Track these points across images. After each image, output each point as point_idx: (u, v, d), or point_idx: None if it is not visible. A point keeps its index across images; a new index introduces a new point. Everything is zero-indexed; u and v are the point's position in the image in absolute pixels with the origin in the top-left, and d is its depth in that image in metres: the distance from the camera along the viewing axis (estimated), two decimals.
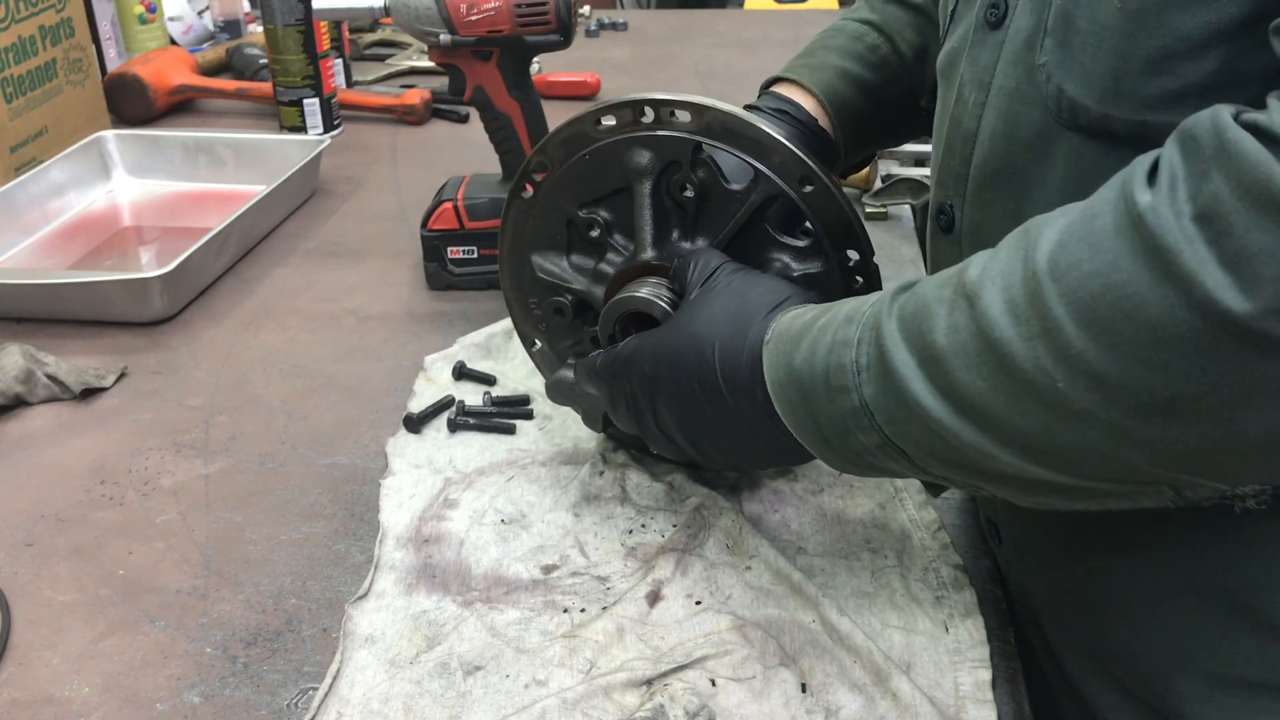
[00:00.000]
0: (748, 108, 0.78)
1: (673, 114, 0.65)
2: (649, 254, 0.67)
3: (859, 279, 0.65)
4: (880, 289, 0.66)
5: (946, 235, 0.66)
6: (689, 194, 0.65)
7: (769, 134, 0.63)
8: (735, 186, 0.65)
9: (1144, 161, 0.43)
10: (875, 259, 0.66)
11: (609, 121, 0.67)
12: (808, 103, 0.77)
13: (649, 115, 0.66)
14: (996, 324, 0.44)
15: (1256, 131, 0.39)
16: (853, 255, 0.65)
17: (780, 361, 0.55)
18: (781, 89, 0.79)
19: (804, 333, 0.54)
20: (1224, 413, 0.41)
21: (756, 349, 0.57)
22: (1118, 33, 0.50)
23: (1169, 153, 0.42)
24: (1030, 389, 0.44)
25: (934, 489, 0.60)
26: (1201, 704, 0.60)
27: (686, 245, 0.67)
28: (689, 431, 0.61)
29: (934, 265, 0.70)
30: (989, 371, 0.45)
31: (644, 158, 0.66)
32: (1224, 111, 0.41)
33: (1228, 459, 0.43)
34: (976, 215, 0.62)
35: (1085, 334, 0.42)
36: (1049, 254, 0.43)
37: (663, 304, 0.65)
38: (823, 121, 0.77)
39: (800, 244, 0.65)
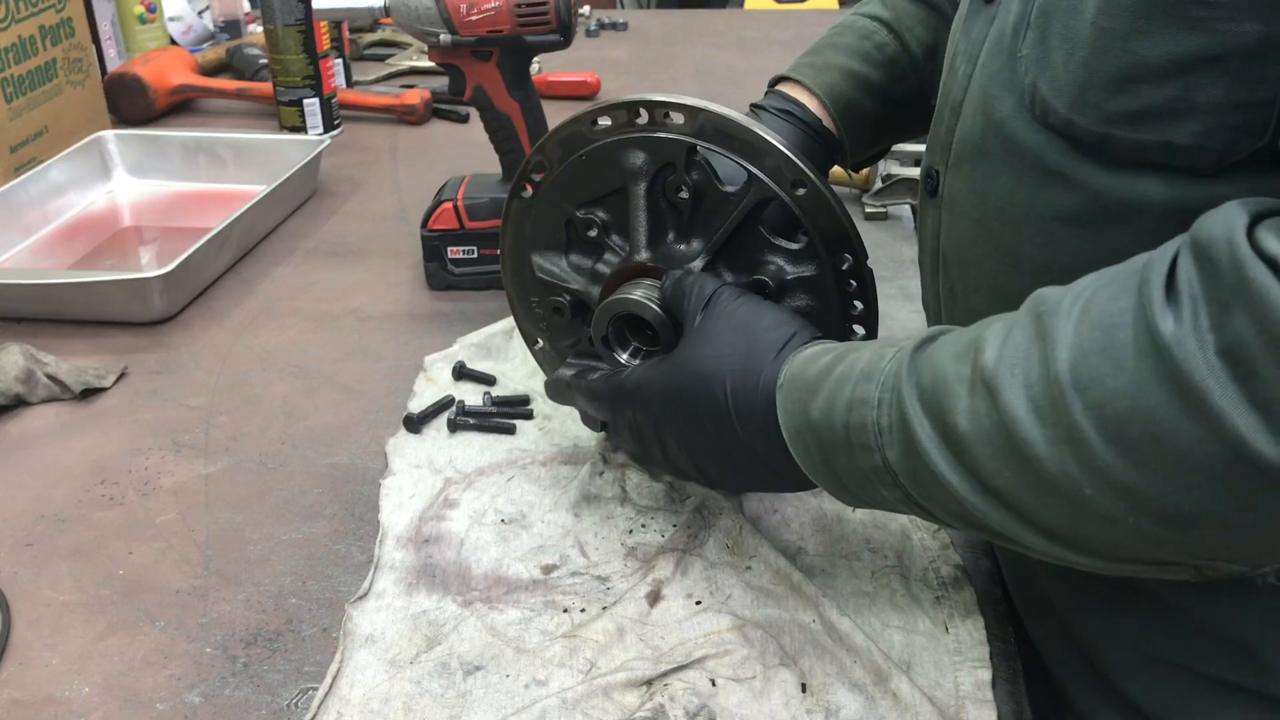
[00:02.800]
0: (753, 107, 0.78)
1: (667, 115, 0.65)
2: (644, 255, 0.67)
3: (853, 282, 0.65)
4: (874, 293, 0.66)
5: (931, 199, 0.67)
6: (684, 196, 0.65)
7: (762, 136, 0.63)
8: (729, 189, 0.65)
9: (1160, 268, 0.43)
10: (872, 259, 0.66)
11: (605, 122, 0.67)
12: (812, 103, 0.77)
13: (644, 116, 0.66)
14: (1021, 423, 0.45)
15: (1275, 269, 0.39)
16: (848, 259, 0.65)
17: (795, 409, 0.55)
18: (786, 88, 0.79)
19: (819, 382, 0.54)
20: (1253, 529, 0.42)
21: (770, 393, 0.57)
22: (1088, 46, 0.51)
23: (1186, 269, 0.42)
24: (1055, 488, 0.45)
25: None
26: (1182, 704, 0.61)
27: (681, 247, 0.67)
28: (699, 462, 0.62)
29: (921, 225, 0.70)
30: (1014, 466, 0.45)
31: (639, 159, 0.66)
32: (1241, 231, 0.40)
33: (1255, 554, 0.45)
34: (954, 186, 0.63)
35: (1112, 449, 0.42)
36: (1070, 361, 0.43)
37: (655, 306, 0.65)
38: (827, 122, 0.77)
39: (794, 247, 0.65)
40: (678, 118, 0.65)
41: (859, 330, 0.67)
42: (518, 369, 0.91)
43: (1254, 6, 0.45)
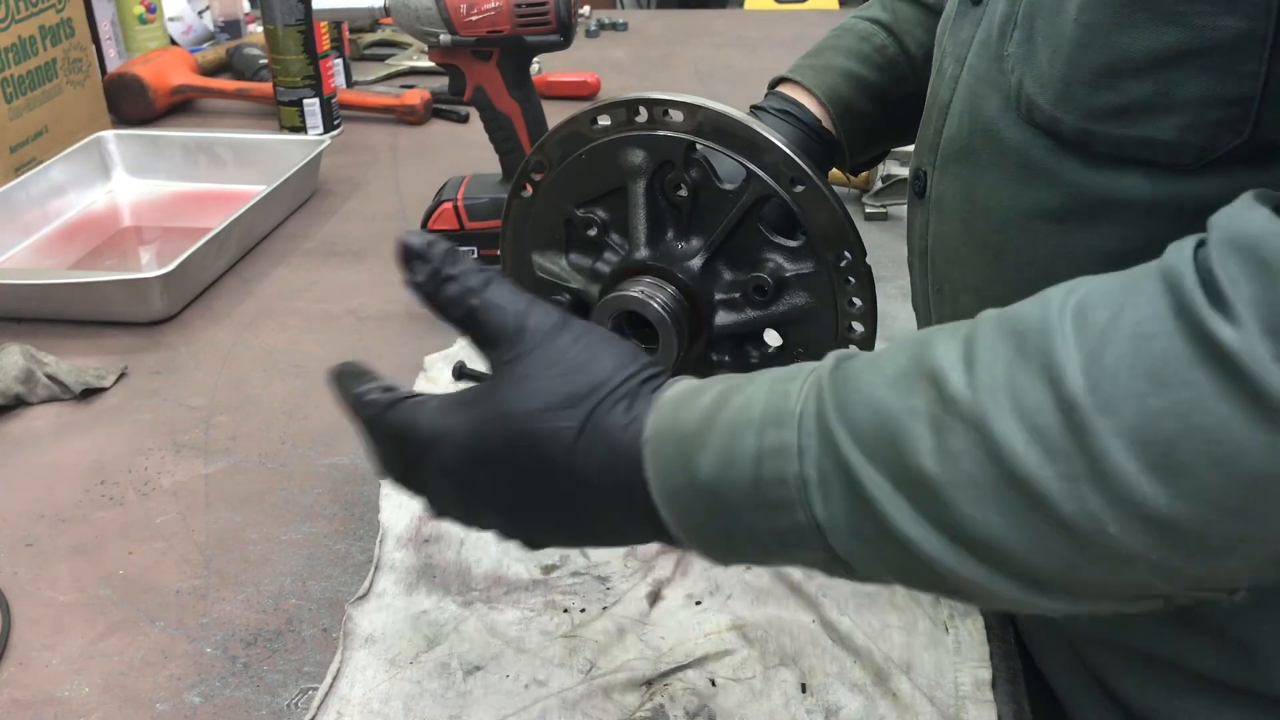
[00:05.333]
0: (753, 108, 0.79)
1: (666, 113, 0.65)
2: (643, 253, 0.67)
3: (851, 280, 0.65)
4: (873, 290, 0.66)
5: (920, 200, 0.67)
6: (683, 194, 0.65)
7: (760, 133, 0.63)
8: (728, 186, 0.65)
9: (1189, 270, 0.38)
10: (872, 259, 0.66)
11: (604, 121, 0.67)
12: (811, 104, 0.77)
13: (643, 115, 0.66)
14: (1021, 459, 0.38)
15: None
16: (846, 256, 0.65)
17: (672, 468, 0.45)
18: (786, 89, 0.79)
19: (704, 431, 0.45)
20: None
21: (631, 450, 0.46)
22: (1071, 42, 0.51)
23: (1227, 268, 0.37)
24: (1066, 531, 0.39)
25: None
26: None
27: (681, 245, 0.67)
28: (525, 528, 0.51)
29: (909, 226, 0.70)
30: (1010, 509, 0.39)
31: (638, 157, 0.66)
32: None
33: (1260, 576, 0.41)
34: (941, 187, 0.63)
35: (1153, 479, 0.37)
36: (1087, 381, 0.38)
37: (655, 305, 0.65)
38: (826, 123, 0.78)
39: (793, 244, 0.65)
40: (676, 116, 0.65)
41: (858, 327, 0.67)
42: None
43: (1234, 2, 0.45)
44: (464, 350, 0.93)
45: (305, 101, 1.44)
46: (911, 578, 0.44)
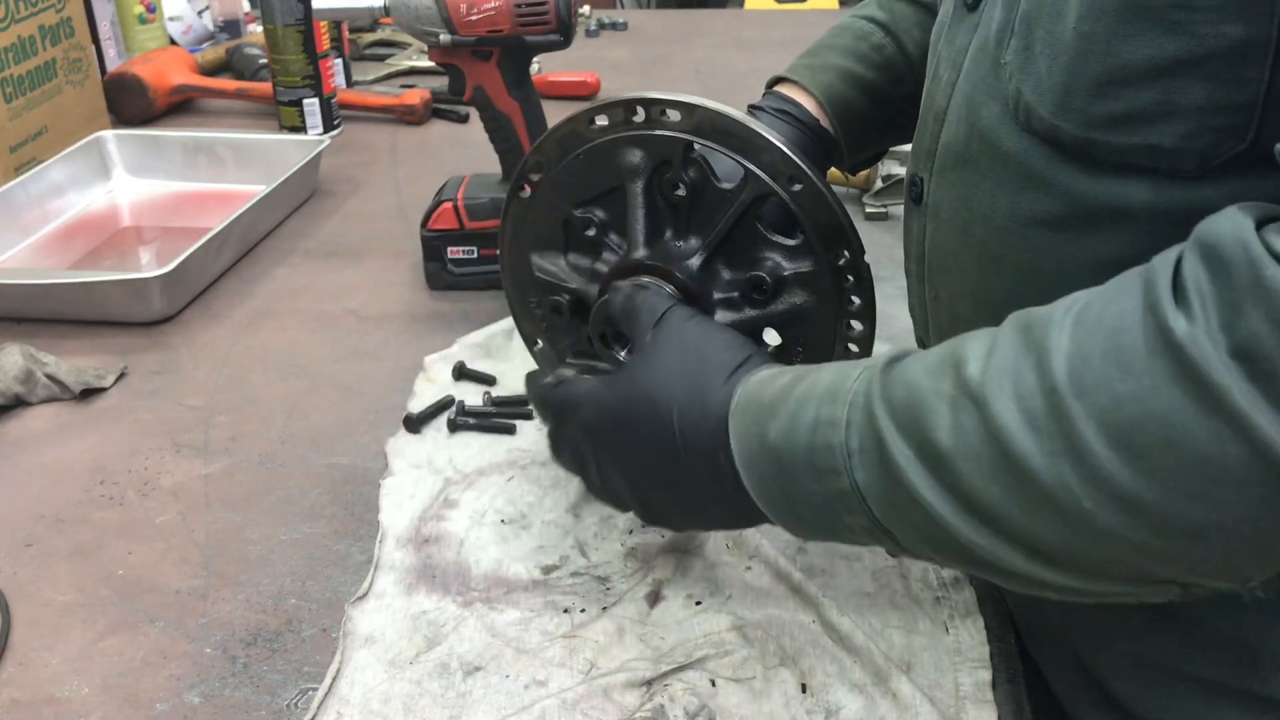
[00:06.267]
0: (751, 108, 0.78)
1: (664, 113, 0.65)
2: (641, 253, 0.67)
3: (850, 278, 0.65)
4: (871, 289, 0.66)
5: (917, 206, 0.67)
6: (681, 193, 0.65)
7: (758, 132, 0.63)
8: (726, 185, 0.65)
9: (1165, 270, 0.42)
10: (873, 259, 0.66)
11: (602, 121, 0.67)
12: (809, 103, 0.77)
13: (641, 115, 0.66)
14: (1014, 436, 0.43)
15: None
16: (845, 254, 0.65)
17: (750, 433, 0.52)
18: (783, 89, 0.79)
19: (777, 404, 0.52)
20: (1260, 540, 0.41)
21: (720, 417, 0.54)
22: (1070, 51, 0.51)
23: (1194, 268, 0.41)
24: (1051, 503, 0.43)
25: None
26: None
27: (679, 245, 0.67)
28: (640, 492, 0.59)
29: (906, 232, 0.70)
30: (1004, 481, 0.44)
31: (636, 157, 0.66)
32: (1250, 232, 0.40)
33: (1254, 567, 0.43)
34: (939, 193, 0.63)
35: (1118, 457, 0.41)
36: (1069, 368, 0.42)
37: None
38: (824, 122, 0.77)
39: (791, 243, 0.65)
40: (674, 115, 0.65)
41: (857, 326, 0.67)
42: (518, 369, 0.91)
43: (1235, 9, 0.46)
44: (464, 350, 0.93)
45: (305, 101, 1.44)
46: (941, 548, 0.48)
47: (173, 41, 1.77)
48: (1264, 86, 0.46)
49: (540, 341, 0.78)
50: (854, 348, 0.66)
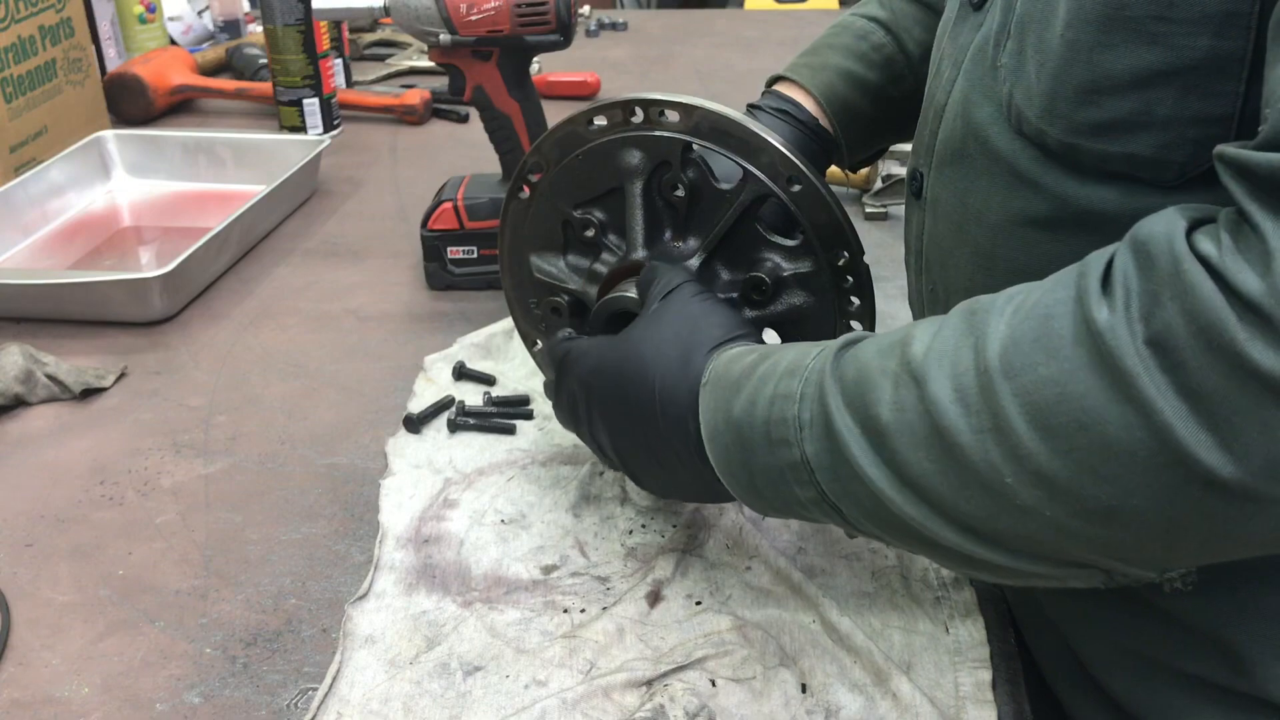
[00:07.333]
0: (750, 107, 0.78)
1: (662, 114, 0.65)
2: (641, 254, 0.67)
3: (849, 278, 0.65)
4: (870, 289, 0.66)
5: (917, 200, 0.67)
6: (680, 194, 0.65)
7: (756, 133, 0.63)
8: (725, 186, 0.65)
9: (1098, 264, 0.44)
10: (873, 259, 0.66)
11: (601, 122, 0.67)
12: (808, 103, 0.77)
13: (640, 115, 0.66)
14: (946, 412, 0.45)
15: (1209, 269, 0.40)
16: (844, 254, 0.65)
17: (717, 406, 0.55)
18: (782, 88, 0.79)
19: (743, 380, 0.54)
20: (1166, 527, 0.42)
21: (694, 388, 0.57)
22: (1057, 58, 0.52)
23: (1123, 261, 0.43)
24: (977, 478, 0.45)
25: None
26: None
27: (679, 245, 0.67)
28: (619, 447, 0.62)
29: (906, 226, 0.71)
30: (935, 455, 0.46)
31: (635, 158, 0.66)
32: (1180, 231, 0.42)
33: (1164, 555, 0.45)
34: (937, 188, 0.64)
35: (1037, 436, 0.43)
36: (1000, 350, 0.44)
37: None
38: (823, 121, 0.78)
39: (790, 243, 0.65)
40: (673, 116, 0.65)
41: (856, 326, 0.67)
42: (518, 369, 0.91)
43: (1212, 23, 0.46)
44: (464, 350, 0.93)
45: (305, 101, 1.44)
46: (881, 523, 0.50)
47: (173, 41, 1.77)
48: (1240, 100, 0.47)
49: (539, 342, 0.78)
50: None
